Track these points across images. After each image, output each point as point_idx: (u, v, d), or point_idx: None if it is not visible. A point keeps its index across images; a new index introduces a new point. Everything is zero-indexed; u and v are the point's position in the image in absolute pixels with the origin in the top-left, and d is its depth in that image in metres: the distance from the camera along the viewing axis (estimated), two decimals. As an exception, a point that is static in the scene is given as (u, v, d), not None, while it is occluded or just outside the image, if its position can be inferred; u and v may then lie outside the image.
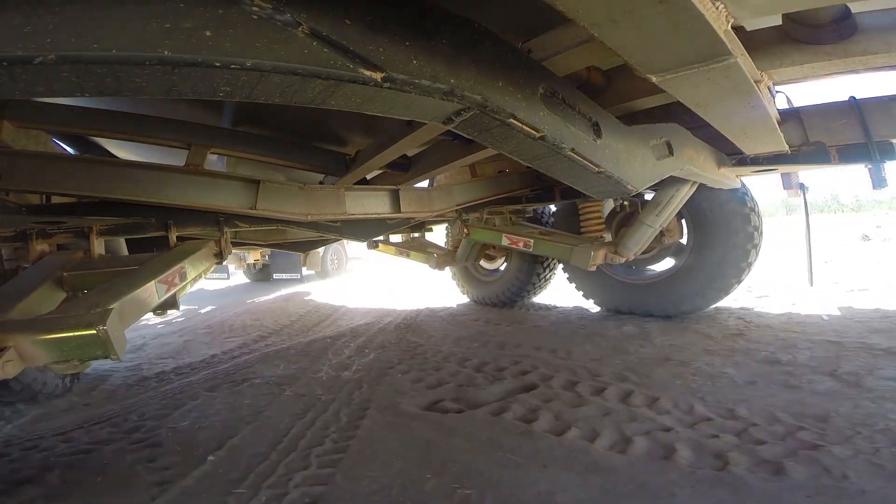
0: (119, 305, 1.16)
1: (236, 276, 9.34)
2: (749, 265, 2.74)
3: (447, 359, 2.51)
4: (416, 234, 4.27)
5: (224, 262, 2.04)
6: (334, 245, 8.75)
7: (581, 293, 3.48)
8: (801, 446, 1.31)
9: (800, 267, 4.78)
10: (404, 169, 2.57)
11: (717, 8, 0.77)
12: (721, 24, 0.80)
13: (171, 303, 1.55)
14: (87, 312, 1.08)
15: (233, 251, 2.18)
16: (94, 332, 1.01)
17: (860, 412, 1.47)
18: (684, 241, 2.94)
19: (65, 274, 1.50)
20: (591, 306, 3.54)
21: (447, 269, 4.23)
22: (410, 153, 2.49)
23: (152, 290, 1.40)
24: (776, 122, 1.60)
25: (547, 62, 1.24)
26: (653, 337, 2.57)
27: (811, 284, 2.74)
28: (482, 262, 4.33)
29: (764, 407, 1.57)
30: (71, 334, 1.01)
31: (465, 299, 4.62)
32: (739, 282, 2.80)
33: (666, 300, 2.94)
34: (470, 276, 4.48)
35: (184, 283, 1.59)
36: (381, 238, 4.23)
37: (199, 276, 1.74)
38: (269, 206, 1.87)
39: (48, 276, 1.45)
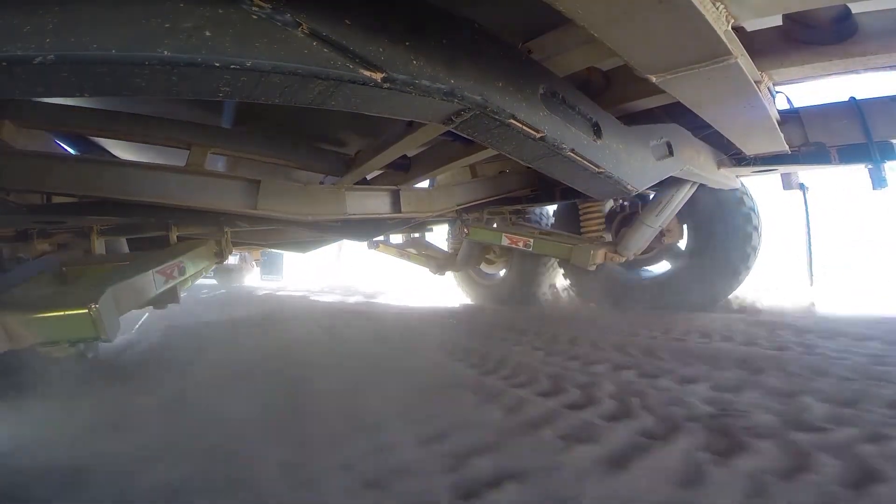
0: (114, 289, 1.13)
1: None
2: (748, 268, 2.73)
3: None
4: (417, 235, 4.27)
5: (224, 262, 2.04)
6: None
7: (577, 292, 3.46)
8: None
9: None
10: (405, 169, 2.57)
11: (717, 8, 0.77)
12: (721, 25, 0.80)
13: (172, 296, 1.54)
14: (80, 293, 1.05)
15: (233, 251, 2.18)
16: (86, 311, 0.98)
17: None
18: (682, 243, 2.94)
19: (64, 269, 1.50)
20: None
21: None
22: (411, 153, 2.50)
23: (150, 280, 1.38)
24: (776, 123, 1.60)
25: (547, 62, 1.24)
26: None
27: (811, 284, 2.75)
28: (483, 267, 4.32)
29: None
30: (62, 313, 0.98)
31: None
32: (739, 282, 2.79)
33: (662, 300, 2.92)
34: (471, 280, 4.47)
35: (183, 278, 1.58)
36: (381, 239, 4.23)
37: (199, 274, 1.74)
38: (270, 206, 1.87)
39: (47, 270, 1.44)
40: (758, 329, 2.01)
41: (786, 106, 1.93)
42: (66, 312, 0.98)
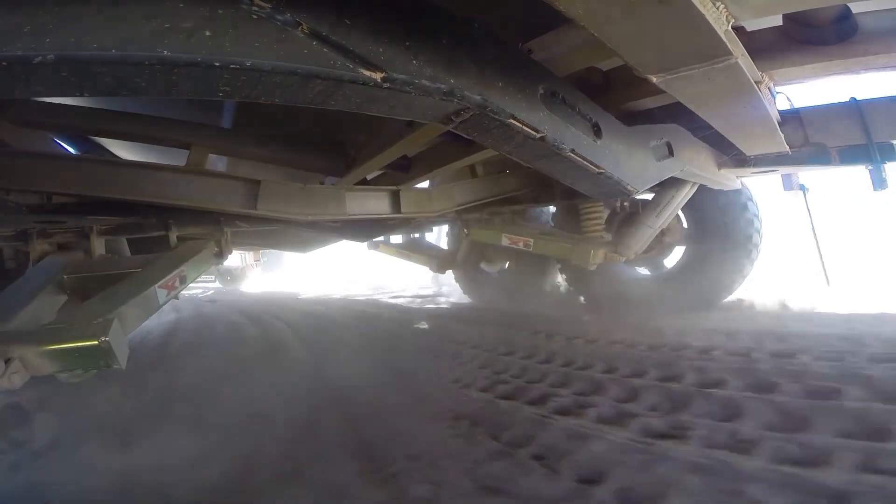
0: (120, 314, 1.18)
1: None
2: (752, 261, 2.74)
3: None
4: (417, 235, 4.27)
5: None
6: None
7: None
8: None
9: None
10: (405, 169, 2.56)
11: (717, 8, 0.77)
12: (721, 25, 0.79)
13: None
14: (89, 323, 1.10)
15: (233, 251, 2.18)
16: (97, 343, 1.03)
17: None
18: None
19: (65, 277, 1.50)
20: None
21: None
22: (411, 153, 2.49)
23: (154, 296, 1.41)
24: (776, 123, 1.60)
25: (547, 62, 1.24)
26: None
27: (828, 284, 2.75)
28: (483, 265, 4.32)
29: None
30: (74, 345, 1.03)
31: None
32: (744, 277, 2.79)
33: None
34: (472, 278, 4.46)
35: (185, 286, 1.60)
36: (381, 239, 4.23)
37: (200, 275, 1.75)
38: (270, 206, 1.87)
39: (49, 281, 1.45)
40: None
41: (786, 106, 1.93)
42: (79, 345, 1.04)
